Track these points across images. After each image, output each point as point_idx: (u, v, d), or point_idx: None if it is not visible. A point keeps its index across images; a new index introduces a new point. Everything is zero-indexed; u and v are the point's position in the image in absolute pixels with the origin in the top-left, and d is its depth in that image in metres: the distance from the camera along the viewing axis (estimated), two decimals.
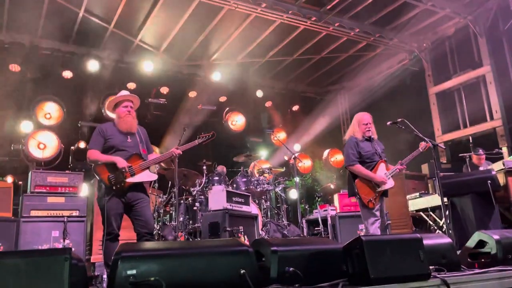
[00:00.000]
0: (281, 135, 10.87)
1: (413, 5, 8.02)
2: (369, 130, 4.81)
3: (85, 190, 6.13)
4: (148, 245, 2.54)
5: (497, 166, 5.73)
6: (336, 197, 6.88)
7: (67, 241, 5.37)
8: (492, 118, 8.15)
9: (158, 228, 6.26)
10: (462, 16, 8.42)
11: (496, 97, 8.08)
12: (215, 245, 2.57)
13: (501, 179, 5.54)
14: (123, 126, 4.18)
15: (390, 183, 4.70)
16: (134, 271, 2.11)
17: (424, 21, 8.73)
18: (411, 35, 9.30)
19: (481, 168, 6.64)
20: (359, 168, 4.65)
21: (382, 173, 4.70)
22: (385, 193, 4.76)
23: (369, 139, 4.83)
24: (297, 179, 7.51)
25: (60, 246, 5.31)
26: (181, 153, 4.31)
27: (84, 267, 2.29)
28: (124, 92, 4.35)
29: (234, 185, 6.73)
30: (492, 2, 8.13)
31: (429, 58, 9.42)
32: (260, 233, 6.15)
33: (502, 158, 6.57)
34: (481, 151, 6.83)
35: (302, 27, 8.48)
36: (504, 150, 7.59)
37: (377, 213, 4.57)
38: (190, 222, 6.18)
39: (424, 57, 9.45)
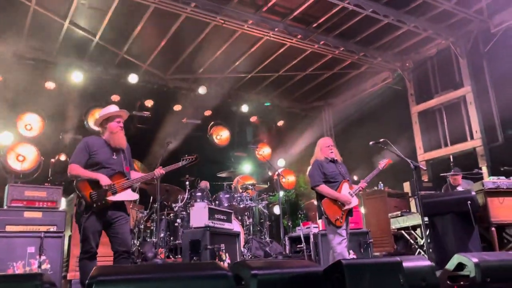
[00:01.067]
0: (266, 150, 10.88)
1: (396, 26, 8.19)
2: (332, 152, 5.01)
3: (63, 204, 5.99)
4: (124, 268, 2.48)
5: (476, 186, 5.80)
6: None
7: (43, 257, 5.22)
8: (472, 138, 8.29)
9: (138, 244, 6.16)
10: (443, 37, 8.62)
11: (476, 117, 8.24)
12: (193, 269, 2.52)
13: (481, 200, 5.62)
14: (116, 142, 4.11)
15: (354, 201, 4.89)
16: None
17: (407, 42, 8.92)
18: (395, 55, 9.48)
19: (459, 188, 6.73)
20: (324, 188, 4.82)
21: (346, 192, 4.88)
22: (349, 213, 4.90)
23: (333, 161, 5.01)
24: (281, 194, 7.49)
25: (36, 262, 5.15)
26: (164, 173, 4.28)
27: None
28: (114, 107, 4.26)
29: (217, 201, 6.68)
30: (473, 25, 8.34)
31: (411, 78, 9.59)
32: (242, 250, 6.10)
33: (482, 178, 6.67)
34: (455, 171, 6.91)
35: (288, 44, 8.58)
36: (484, 170, 7.72)
37: (343, 233, 4.69)
38: (171, 238, 6.09)
39: (407, 76, 9.61)
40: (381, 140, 4.96)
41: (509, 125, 7.84)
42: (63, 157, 8.06)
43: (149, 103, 9.31)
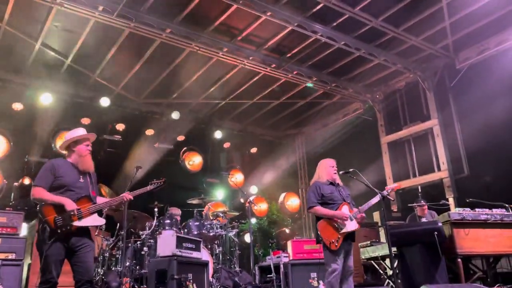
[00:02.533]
0: (239, 176, 10.83)
1: (367, 59, 8.45)
2: (335, 173, 4.89)
3: (24, 230, 5.74)
4: None
5: (443, 217, 5.90)
6: (289, 243, 6.82)
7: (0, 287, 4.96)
8: (439, 169, 8.50)
9: (102, 273, 5.93)
10: (411, 71, 8.95)
11: (443, 149, 8.48)
12: None
13: (447, 231, 5.70)
14: (84, 165, 4.03)
15: (353, 225, 4.66)
16: None
17: (377, 74, 9.22)
18: (365, 87, 9.75)
19: (423, 219, 6.84)
20: (319, 210, 4.67)
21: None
22: (352, 238, 4.71)
23: (333, 184, 4.88)
24: (253, 221, 7.40)
25: None
26: (132, 198, 4.18)
27: None
28: (82, 130, 4.19)
29: (186, 229, 6.55)
30: (439, 61, 8.70)
31: (381, 109, 9.85)
32: (211, 280, 5.95)
33: (448, 209, 6.80)
34: (422, 202, 7.05)
35: (263, 73, 8.70)
36: (451, 201, 7.90)
37: (339, 261, 4.50)
38: (137, 267, 5.89)
39: (377, 107, 9.88)
40: (351, 170, 4.97)
41: (474, 158, 8.09)
42: (27, 181, 7.77)
43: (120, 127, 9.17)
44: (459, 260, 5.50)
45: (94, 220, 3.95)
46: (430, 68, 8.90)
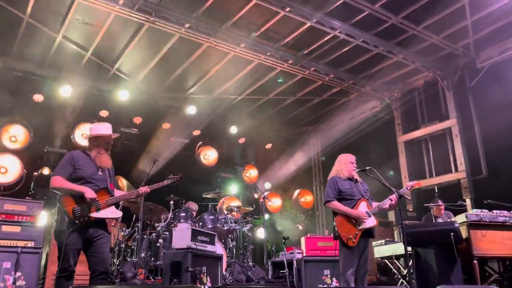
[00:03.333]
0: (253, 172, 10.87)
1: (385, 57, 8.36)
2: (354, 169, 4.83)
3: (43, 219, 5.86)
4: None
5: (460, 218, 5.82)
6: (303, 240, 6.82)
7: (18, 274, 5.08)
8: (456, 169, 8.39)
9: (117, 263, 6.03)
10: (431, 70, 8.82)
11: (461, 149, 8.35)
12: None
13: (464, 232, 5.63)
14: (102, 162, 4.10)
15: (371, 221, 4.60)
16: None
17: (396, 72, 9.10)
18: (383, 84, 9.64)
19: (439, 220, 6.77)
20: (336, 205, 4.61)
21: (363, 210, 4.62)
22: (370, 234, 4.66)
23: (351, 179, 4.83)
24: (266, 217, 7.43)
25: (11, 279, 5.01)
26: (148, 191, 4.26)
27: None
28: (108, 127, 4.25)
29: (201, 223, 6.61)
30: (460, 60, 8.55)
31: (399, 107, 9.74)
32: (224, 274, 6.00)
33: (465, 210, 6.71)
34: (440, 202, 6.98)
35: (279, 69, 8.68)
36: (468, 202, 7.79)
37: (355, 259, 4.45)
38: (152, 259, 5.97)
39: (395, 106, 9.77)
40: (367, 167, 4.93)
41: (493, 159, 7.96)
42: (46, 171, 7.92)
43: (137, 120, 9.27)
44: (475, 261, 5.43)
45: (112, 213, 4.05)
46: (450, 67, 8.76)
